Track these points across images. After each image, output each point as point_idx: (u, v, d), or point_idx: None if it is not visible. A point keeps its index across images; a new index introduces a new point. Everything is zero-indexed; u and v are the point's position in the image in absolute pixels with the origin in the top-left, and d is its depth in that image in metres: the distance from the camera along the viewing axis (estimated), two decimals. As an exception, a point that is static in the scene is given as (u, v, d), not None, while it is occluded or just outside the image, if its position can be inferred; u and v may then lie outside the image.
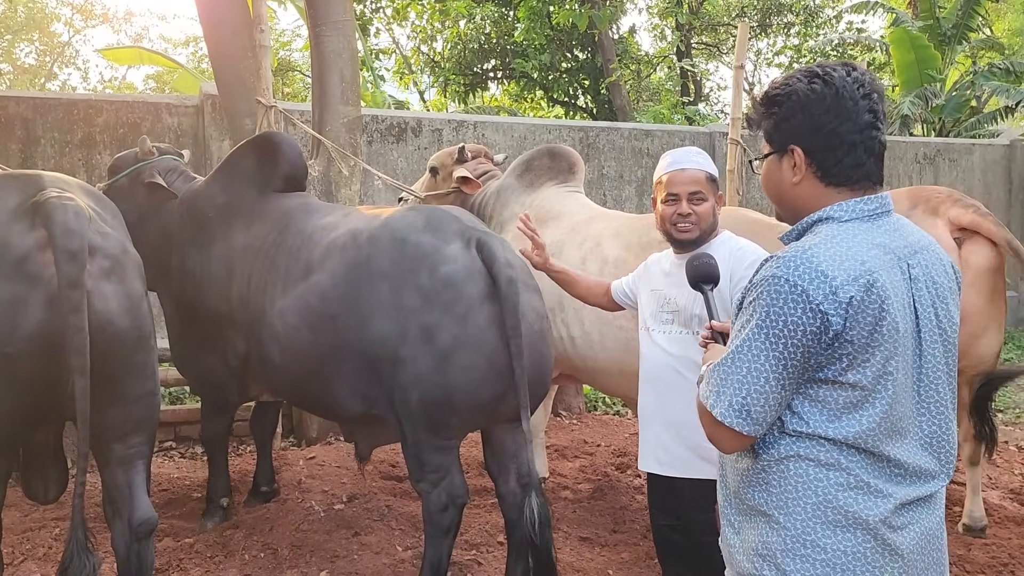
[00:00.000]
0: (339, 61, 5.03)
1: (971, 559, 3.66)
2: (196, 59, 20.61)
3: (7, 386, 2.33)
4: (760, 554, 1.57)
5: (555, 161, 4.32)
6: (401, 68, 17.24)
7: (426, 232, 3.03)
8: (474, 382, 2.87)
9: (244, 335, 3.43)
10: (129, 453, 2.63)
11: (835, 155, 1.56)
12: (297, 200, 3.65)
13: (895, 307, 1.49)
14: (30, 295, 2.33)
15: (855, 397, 1.50)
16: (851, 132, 1.56)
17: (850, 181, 1.58)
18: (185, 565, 3.45)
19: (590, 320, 3.60)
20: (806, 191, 1.60)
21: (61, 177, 2.68)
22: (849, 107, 1.55)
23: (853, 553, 1.51)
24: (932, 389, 1.58)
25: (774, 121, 1.62)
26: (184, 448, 5.02)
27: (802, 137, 1.58)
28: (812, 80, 1.57)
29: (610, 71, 13.75)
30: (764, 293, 1.49)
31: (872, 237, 1.53)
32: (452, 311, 2.87)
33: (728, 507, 1.69)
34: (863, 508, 1.51)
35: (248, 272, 3.44)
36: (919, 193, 4.00)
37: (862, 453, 1.52)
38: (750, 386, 1.49)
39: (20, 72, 23.24)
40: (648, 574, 3.50)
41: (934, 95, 11.18)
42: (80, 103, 6.34)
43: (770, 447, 1.56)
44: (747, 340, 1.50)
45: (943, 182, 8.98)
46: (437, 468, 2.97)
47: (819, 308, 1.44)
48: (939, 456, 1.59)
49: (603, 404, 6.29)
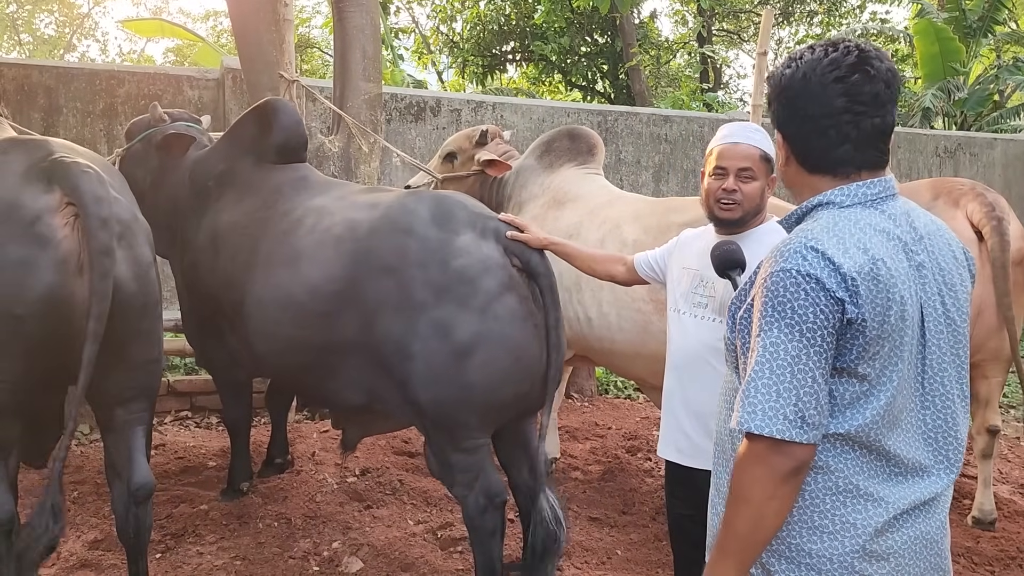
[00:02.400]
0: (361, 37, 5.03)
1: (979, 551, 3.67)
2: (216, 33, 20.60)
3: (17, 348, 2.35)
4: None
5: (575, 143, 4.31)
6: (420, 48, 17.20)
7: (432, 223, 2.82)
8: (496, 381, 2.71)
9: (230, 318, 3.27)
10: (130, 419, 2.66)
11: (808, 141, 1.53)
12: (291, 174, 3.43)
13: (900, 295, 1.44)
14: (41, 257, 2.34)
15: (861, 390, 1.45)
16: (821, 116, 1.50)
17: (828, 166, 1.53)
18: (200, 531, 3.50)
19: (608, 301, 3.60)
20: (793, 177, 1.59)
21: (68, 144, 2.68)
22: (816, 91, 1.50)
23: (839, 560, 1.47)
24: (937, 381, 1.53)
25: (770, 107, 1.61)
26: (199, 418, 5.07)
27: (783, 122, 1.57)
28: (788, 64, 1.55)
29: (630, 56, 13.66)
30: (780, 290, 1.41)
31: (875, 223, 1.48)
32: (468, 306, 2.69)
33: (718, 495, 1.65)
34: (851, 513, 1.47)
35: (233, 251, 3.25)
36: (942, 185, 3.98)
37: (857, 450, 1.47)
38: (799, 391, 1.39)
39: (40, 43, 23.30)
40: (656, 555, 3.53)
41: (957, 88, 11.08)
42: (102, 73, 6.37)
43: None
44: (776, 345, 1.41)
45: (963, 176, 8.89)
46: (466, 469, 2.79)
47: (834, 295, 1.39)
48: (942, 451, 1.54)
49: (615, 388, 6.31)
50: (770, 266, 1.45)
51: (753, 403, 1.41)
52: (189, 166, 3.74)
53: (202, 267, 3.45)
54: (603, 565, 3.43)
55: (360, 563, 3.29)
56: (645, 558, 3.49)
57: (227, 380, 3.74)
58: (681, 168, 8.10)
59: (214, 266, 3.35)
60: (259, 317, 3.04)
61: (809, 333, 1.39)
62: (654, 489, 4.26)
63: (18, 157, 2.48)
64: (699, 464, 2.42)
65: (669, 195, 7.74)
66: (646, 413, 5.71)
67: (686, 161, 8.08)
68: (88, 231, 2.35)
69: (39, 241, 2.34)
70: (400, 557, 3.34)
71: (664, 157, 8.09)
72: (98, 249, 2.34)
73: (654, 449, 4.85)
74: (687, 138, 8.14)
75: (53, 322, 2.36)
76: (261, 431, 4.83)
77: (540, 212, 4.07)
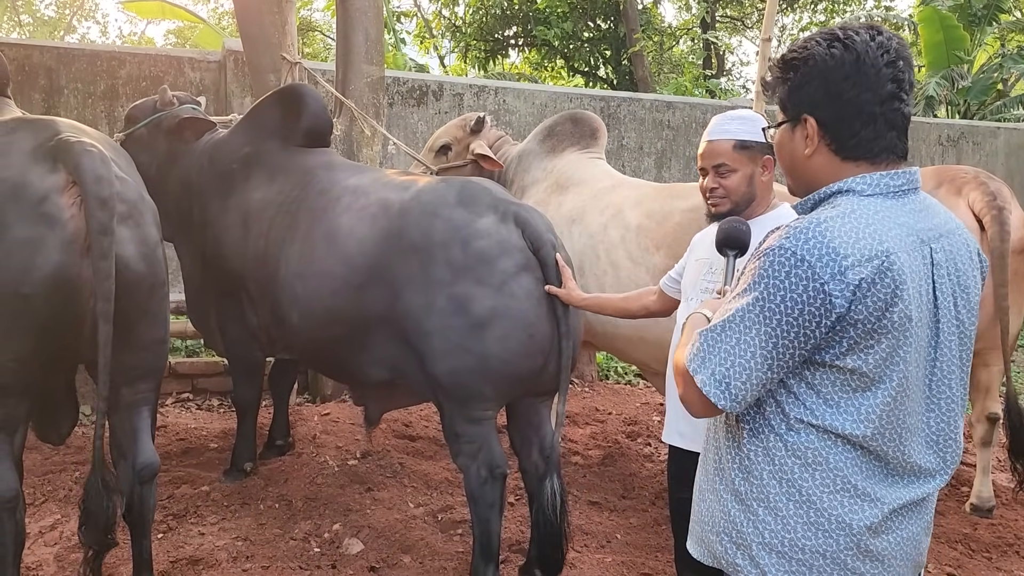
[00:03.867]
0: (364, 19, 5.00)
1: (977, 538, 3.69)
2: (217, 15, 20.50)
3: (25, 327, 2.35)
4: (735, 542, 1.53)
5: (578, 127, 4.30)
6: (422, 32, 17.12)
7: (458, 206, 2.97)
8: (510, 353, 2.82)
9: (260, 293, 3.40)
10: (136, 399, 2.67)
11: (852, 127, 1.45)
12: (321, 157, 3.58)
13: (911, 293, 1.39)
14: (48, 237, 2.33)
15: (853, 383, 1.41)
16: (871, 103, 1.44)
17: (869, 155, 1.46)
18: (202, 512, 3.52)
19: (612, 287, 3.60)
20: (820, 164, 1.50)
21: (75, 124, 2.68)
22: (871, 75, 1.43)
23: (832, 557, 1.46)
24: (944, 384, 1.50)
25: (789, 87, 1.51)
26: (201, 400, 5.08)
27: (817, 106, 1.47)
28: (832, 44, 1.45)
29: (633, 41, 13.59)
30: (768, 264, 1.39)
31: (895, 215, 1.43)
32: (486, 283, 2.82)
33: (706, 480, 1.65)
34: (847, 512, 1.45)
35: (267, 228, 3.37)
36: (945, 173, 3.98)
37: (858, 450, 1.44)
38: (734, 359, 1.41)
39: (40, 24, 23.18)
40: (656, 539, 3.55)
41: (960, 77, 11.05)
42: (103, 55, 6.34)
43: (759, 435, 1.50)
44: (741, 311, 1.41)
45: (966, 165, 8.89)
46: (472, 439, 2.91)
47: (823, 287, 1.35)
48: (943, 454, 1.52)
49: (615, 374, 6.32)
50: (774, 240, 1.42)
51: (698, 348, 1.45)
52: (208, 149, 3.78)
53: (229, 245, 3.53)
54: (603, 549, 3.45)
55: (360, 545, 3.30)
56: (644, 542, 3.51)
57: (242, 359, 3.78)
58: (683, 154, 8.08)
59: (244, 244, 3.45)
60: (298, 288, 3.16)
61: (768, 313, 1.38)
62: (654, 474, 4.28)
63: (25, 136, 2.48)
64: (701, 449, 2.43)
65: (671, 181, 7.73)
66: (646, 399, 5.72)
67: (688, 147, 8.06)
68: (87, 211, 2.35)
69: (47, 221, 2.34)
70: (400, 539, 3.36)
71: (667, 143, 8.07)
72: (96, 229, 2.34)
73: (654, 434, 4.87)
74: (690, 124, 8.11)
75: (60, 301, 2.37)
76: (263, 413, 4.84)
77: (543, 197, 4.06)
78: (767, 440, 1.49)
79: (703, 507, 1.64)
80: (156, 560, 2.89)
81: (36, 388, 2.55)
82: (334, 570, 3.12)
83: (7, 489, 2.45)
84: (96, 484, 2.45)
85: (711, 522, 1.60)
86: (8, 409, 2.45)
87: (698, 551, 1.66)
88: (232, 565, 3.10)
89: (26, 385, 2.47)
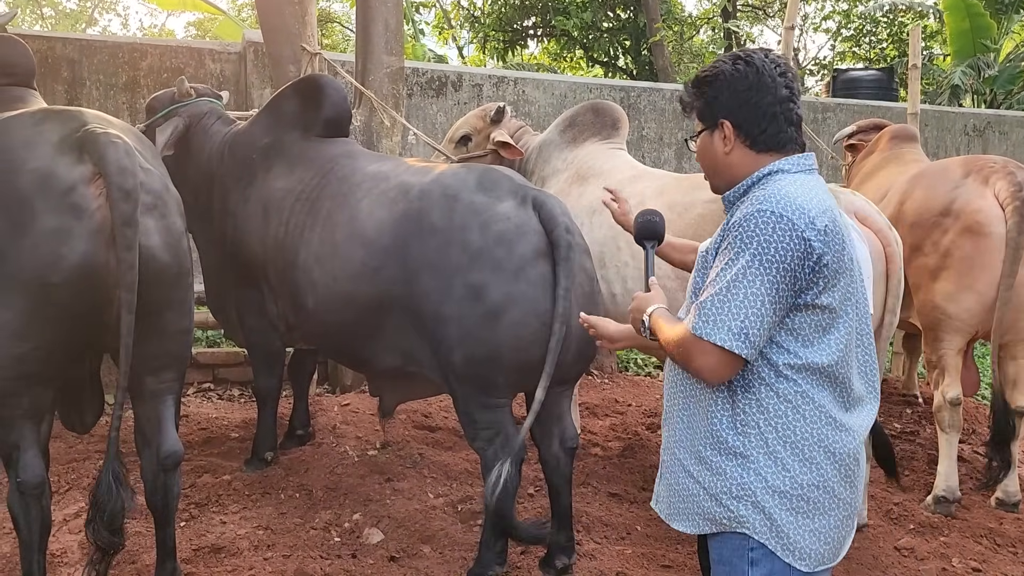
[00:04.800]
0: (384, 9, 5.00)
1: (1002, 532, 3.65)
2: (237, 6, 20.57)
3: (51, 317, 2.37)
4: (736, 496, 1.72)
5: (599, 117, 4.27)
6: (441, 23, 17.07)
7: (478, 190, 2.98)
8: (524, 340, 2.82)
9: (279, 281, 3.42)
10: (160, 388, 2.68)
11: (760, 125, 1.77)
12: (342, 147, 3.60)
13: (848, 239, 1.71)
14: (75, 227, 2.36)
15: (825, 320, 1.68)
16: (771, 104, 1.77)
17: (777, 146, 1.78)
18: (223, 501, 3.54)
19: (632, 278, 3.59)
20: (738, 159, 1.80)
21: (102, 115, 2.69)
22: (768, 83, 1.77)
23: (824, 487, 1.70)
24: (864, 321, 1.78)
25: (705, 100, 1.83)
26: (221, 390, 5.12)
27: (730, 111, 1.79)
28: (736, 62, 1.80)
29: (653, 31, 13.48)
30: (752, 226, 1.63)
31: (818, 185, 1.76)
32: (503, 269, 2.82)
33: (686, 452, 1.82)
34: (832, 443, 1.70)
35: (286, 216, 3.40)
36: (974, 162, 3.92)
37: (831, 383, 1.70)
38: (747, 310, 1.62)
39: (62, 17, 23.37)
40: (675, 531, 3.52)
41: (987, 65, 10.87)
42: (125, 46, 6.38)
43: (750, 389, 1.71)
44: (741, 269, 1.63)
45: (993, 155, 8.76)
46: (489, 425, 2.94)
47: (802, 235, 1.62)
48: (871, 383, 1.82)
49: (635, 365, 6.29)
50: (746, 211, 1.67)
51: (707, 314, 1.65)
52: (228, 140, 3.80)
53: (249, 234, 3.55)
54: (622, 540, 3.44)
55: (380, 535, 3.31)
56: (665, 534, 3.50)
57: (262, 348, 3.80)
58: (704, 145, 8.00)
59: (263, 233, 3.48)
60: (316, 272, 3.19)
61: (767, 263, 1.62)
62: (674, 466, 4.26)
63: (52, 127, 2.49)
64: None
65: (691, 172, 7.66)
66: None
67: (709, 138, 7.97)
68: (111, 202, 2.37)
69: (74, 211, 2.36)
70: (420, 529, 3.36)
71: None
72: (120, 220, 2.36)
73: (674, 426, 4.84)
74: (711, 115, 8.03)
75: (87, 291, 2.39)
76: (283, 403, 4.87)
77: (563, 187, 4.04)
78: (758, 393, 1.71)
79: (687, 479, 1.81)
80: (179, 548, 2.91)
81: (62, 377, 2.57)
82: (354, 559, 3.13)
83: (33, 476, 2.49)
84: (108, 476, 2.46)
85: (706, 487, 1.77)
86: (34, 397, 2.48)
87: (689, 525, 1.83)
88: (253, 554, 3.12)
89: (52, 374, 2.50)
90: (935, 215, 3.83)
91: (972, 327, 3.78)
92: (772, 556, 1.70)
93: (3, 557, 3.02)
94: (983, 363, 5.18)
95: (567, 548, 3.05)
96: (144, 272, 2.41)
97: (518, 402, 3.23)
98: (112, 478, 2.46)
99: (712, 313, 1.64)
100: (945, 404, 3.84)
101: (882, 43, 14.90)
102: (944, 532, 3.64)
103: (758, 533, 1.70)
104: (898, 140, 4.79)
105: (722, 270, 1.66)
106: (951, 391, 3.82)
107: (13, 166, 2.39)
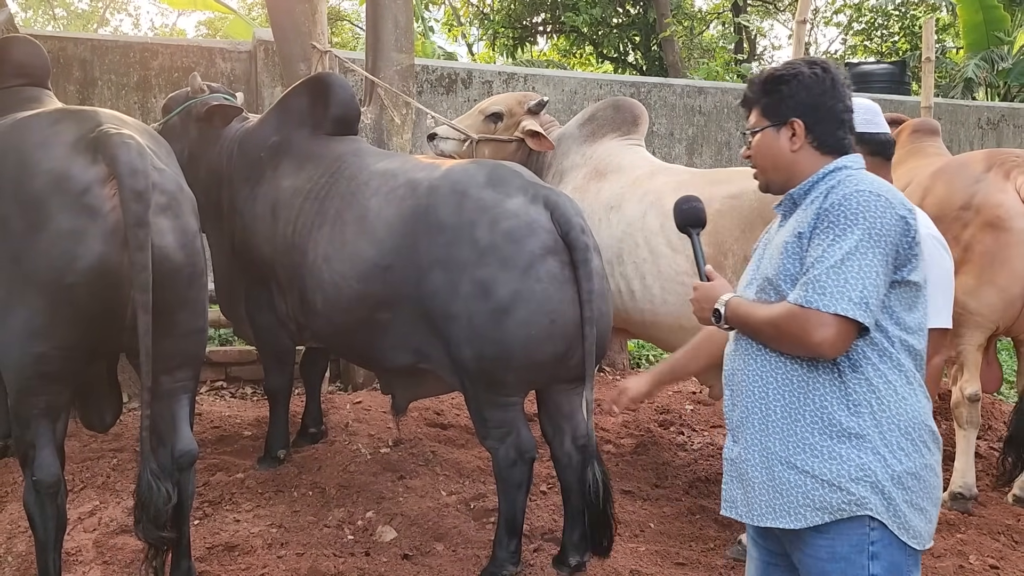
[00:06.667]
0: (394, 7, 5.00)
1: (1019, 529, 3.62)
2: (247, 5, 20.61)
3: (68, 316, 2.39)
4: (855, 478, 1.70)
5: (619, 113, 4.23)
6: (450, 20, 17.06)
7: (488, 186, 2.97)
8: (533, 338, 2.81)
9: (288, 280, 3.42)
10: (175, 387, 2.69)
11: (830, 128, 1.87)
12: (350, 145, 3.60)
13: None
14: (90, 228, 2.37)
15: (912, 296, 1.76)
16: (842, 111, 1.88)
17: (840, 149, 1.88)
18: (237, 499, 3.55)
19: (651, 274, 3.58)
20: (804, 157, 1.87)
21: (117, 115, 2.70)
22: (841, 92, 1.88)
23: (931, 466, 1.75)
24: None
25: (778, 97, 1.88)
26: (234, 388, 5.13)
27: (804, 111, 1.86)
28: (812, 66, 1.88)
29: (663, 27, 13.42)
30: (855, 205, 1.70)
31: None
32: (512, 266, 2.81)
33: (784, 445, 1.76)
34: (931, 421, 1.78)
35: (295, 214, 3.39)
36: (995, 156, 3.87)
37: (919, 362, 1.78)
38: (864, 280, 1.66)
39: (73, 17, 23.48)
40: (689, 528, 3.52)
41: (1001, 58, 10.76)
42: (136, 46, 6.40)
43: (858, 367, 1.73)
44: (854, 244, 1.68)
45: (1007, 148, 8.68)
46: (501, 424, 2.95)
47: (898, 213, 1.71)
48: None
49: (647, 362, 6.27)
50: (842, 192, 1.73)
51: (823, 286, 1.67)
52: (238, 138, 3.80)
53: (258, 233, 3.55)
54: (636, 538, 3.43)
55: (394, 532, 3.31)
56: (678, 531, 3.49)
57: (272, 347, 3.80)
58: (715, 140, 7.98)
59: (272, 231, 3.47)
60: (326, 271, 3.18)
61: (877, 237, 1.69)
62: (687, 463, 4.25)
63: (68, 128, 2.50)
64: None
65: (703, 167, 7.63)
66: (678, 387, 5.67)
67: (720, 133, 7.96)
68: (123, 203, 2.37)
69: (89, 212, 2.37)
70: (433, 527, 3.36)
71: (698, 129, 7.97)
72: (132, 221, 2.36)
73: (687, 423, 4.83)
74: (721, 110, 8.00)
75: (102, 291, 2.40)
76: (295, 401, 4.88)
77: (581, 183, 4.02)
78: (866, 372, 1.73)
79: (780, 484, 1.75)
80: (193, 547, 2.92)
81: (79, 376, 2.59)
82: (367, 557, 3.13)
83: (49, 475, 2.50)
84: (146, 474, 2.48)
85: (805, 484, 1.73)
86: (52, 396, 2.49)
87: (795, 520, 1.74)
88: (267, 551, 3.13)
89: (69, 373, 2.51)
90: (956, 209, 3.78)
91: (993, 322, 3.75)
92: (891, 547, 1.71)
93: (19, 556, 3.04)
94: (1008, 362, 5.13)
95: (580, 546, 3.04)
96: (158, 272, 2.42)
97: (530, 400, 3.21)
98: (151, 475, 2.48)
99: (829, 285, 1.67)
100: (963, 400, 3.80)
101: (894, 36, 14.79)
102: (961, 529, 3.61)
103: (880, 514, 1.70)
104: (920, 134, 4.75)
105: (828, 247, 1.70)
106: (970, 387, 3.79)
107: (29, 167, 2.40)
